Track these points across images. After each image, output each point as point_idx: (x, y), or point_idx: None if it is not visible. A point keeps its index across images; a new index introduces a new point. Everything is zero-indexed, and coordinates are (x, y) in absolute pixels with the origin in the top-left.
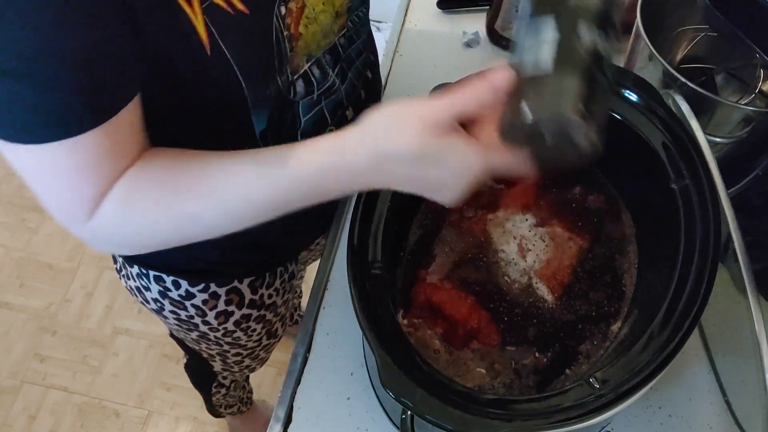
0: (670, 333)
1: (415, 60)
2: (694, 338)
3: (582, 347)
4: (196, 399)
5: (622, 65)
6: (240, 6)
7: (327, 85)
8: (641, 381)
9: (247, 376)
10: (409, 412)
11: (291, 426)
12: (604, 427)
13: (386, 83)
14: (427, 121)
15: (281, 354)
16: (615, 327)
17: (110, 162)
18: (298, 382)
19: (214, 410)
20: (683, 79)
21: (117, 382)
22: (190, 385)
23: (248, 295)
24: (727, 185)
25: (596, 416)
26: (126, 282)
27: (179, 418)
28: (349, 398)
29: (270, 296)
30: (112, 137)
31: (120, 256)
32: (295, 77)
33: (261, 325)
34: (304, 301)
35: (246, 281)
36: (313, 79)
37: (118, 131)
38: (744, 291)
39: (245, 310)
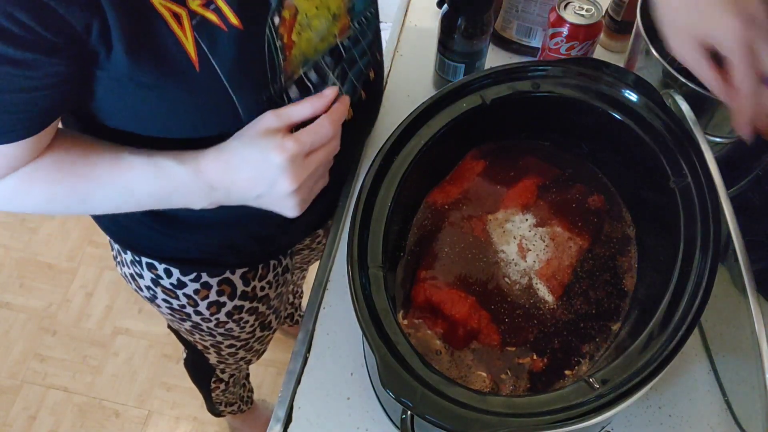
0: (670, 333)
1: (415, 60)
2: (694, 338)
3: (582, 347)
4: (196, 399)
5: (621, 65)
6: (234, 21)
7: (324, 87)
8: (641, 381)
9: (247, 374)
10: (409, 412)
11: (291, 426)
12: (604, 427)
13: (386, 83)
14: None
15: (281, 354)
16: (615, 327)
17: (23, 160)
18: (298, 382)
19: (214, 408)
20: (683, 79)
21: (117, 382)
22: (191, 385)
23: (240, 287)
24: (727, 185)
25: (596, 416)
26: (121, 269)
27: (179, 418)
28: (349, 398)
29: (263, 288)
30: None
31: (115, 243)
32: (288, 84)
33: (254, 317)
34: (304, 301)
35: (238, 272)
36: (309, 83)
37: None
38: (744, 291)
39: (237, 302)
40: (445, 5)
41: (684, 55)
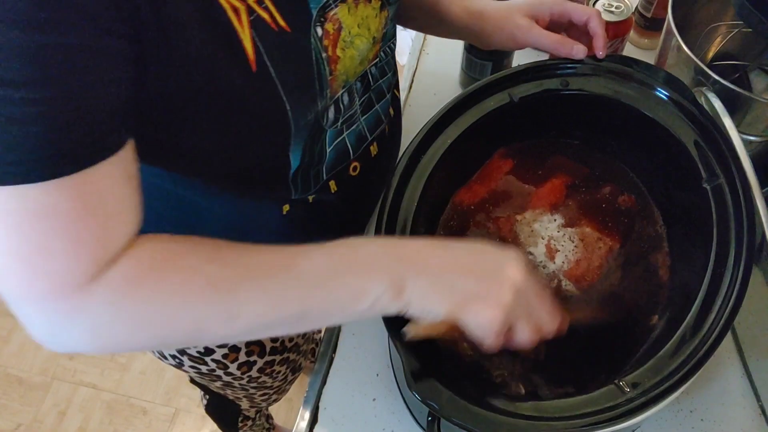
0: (703, 336)
1: (442, 58)
2: (727, 341)
3: (612, 350)
4: None
5: (653, 62)
6: (282, 22)
7: (350, 113)
8: (672, 385)
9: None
10: (435, 415)
11: (316, 426)
12: (633, 430)
13: (412, 82)
14: None
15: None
16: (646, 329)
17: (120, 215)
18: (324, 382)
19: None
20: (716, 76)
21: (145, 379)
22: None
23: (269, 344)
24: (762, 184)
25: (626, 420)
26: None
27: (206, 416)
28: (374, 399)
29: (291, 339)
30: (117, 174)
31: None
32: (330, 102)
33: (285, 366)
34: None
35: None
36: (341, 105)
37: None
38: None
39: (268, 357)
40: None
41: None
